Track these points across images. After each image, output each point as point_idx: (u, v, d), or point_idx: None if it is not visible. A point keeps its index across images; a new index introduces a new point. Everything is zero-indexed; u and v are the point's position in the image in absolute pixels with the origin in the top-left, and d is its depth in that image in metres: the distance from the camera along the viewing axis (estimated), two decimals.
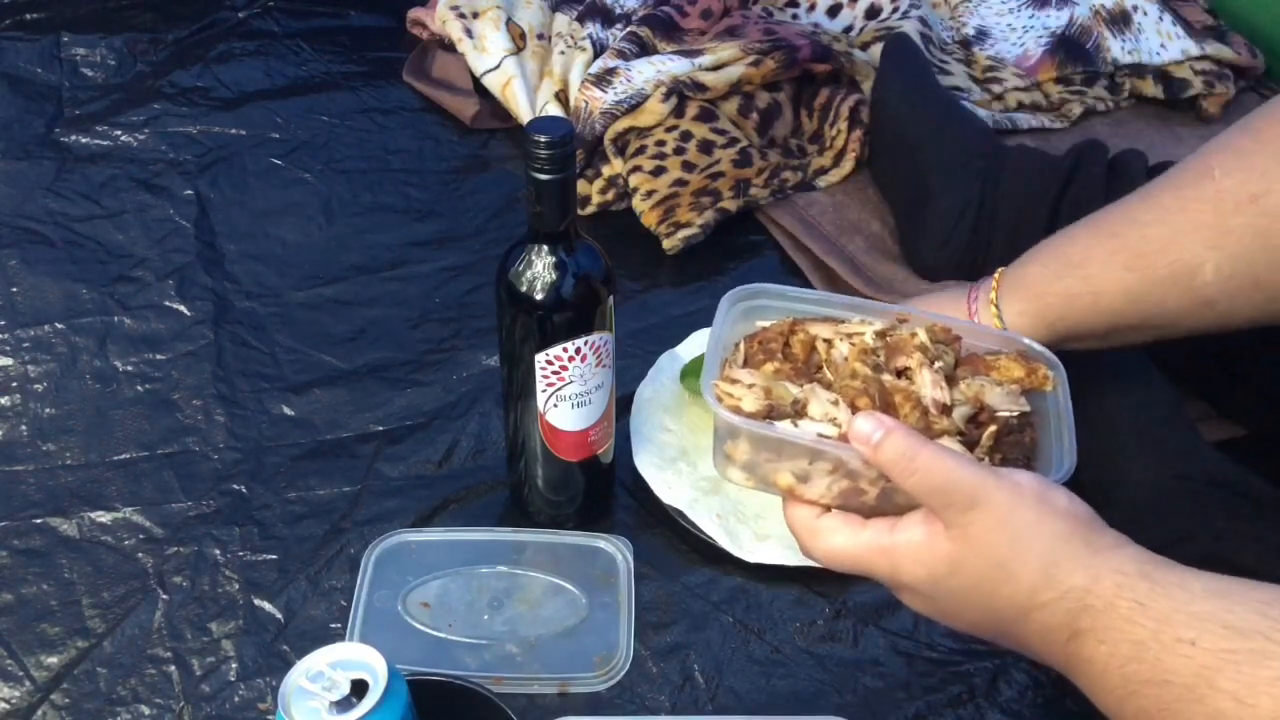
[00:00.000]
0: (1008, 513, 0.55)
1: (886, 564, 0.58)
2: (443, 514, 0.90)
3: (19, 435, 0.95)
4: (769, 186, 1.21)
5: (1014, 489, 0.55)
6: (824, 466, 0.60)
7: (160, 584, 0.84)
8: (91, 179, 1.21)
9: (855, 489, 0.60)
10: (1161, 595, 0.52)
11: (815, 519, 0.61)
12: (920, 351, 0.64)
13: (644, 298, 1.11)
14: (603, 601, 0.83)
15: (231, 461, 0.93)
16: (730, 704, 0.78)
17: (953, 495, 0.55)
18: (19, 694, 0.77)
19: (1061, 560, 0.54)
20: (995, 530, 0.55)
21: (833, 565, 0.61)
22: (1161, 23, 1.42)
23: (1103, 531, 0.56)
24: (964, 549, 0.56)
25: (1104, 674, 0.53)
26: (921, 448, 0.55)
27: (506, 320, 0.79)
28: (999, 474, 0.56)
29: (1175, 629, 0.51)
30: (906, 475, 0.56)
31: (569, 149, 0.72)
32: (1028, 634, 0.56)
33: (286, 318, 1.07)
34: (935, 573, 0.57)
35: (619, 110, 1.24)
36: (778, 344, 0.67)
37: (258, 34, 1.43)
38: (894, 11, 1.43)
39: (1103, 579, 0.53)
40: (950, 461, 0.55)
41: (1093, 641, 0.53)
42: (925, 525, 0.57)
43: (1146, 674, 0.51)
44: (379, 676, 0.57)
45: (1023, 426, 0.64)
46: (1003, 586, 0.55)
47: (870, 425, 0.56)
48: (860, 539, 0.59)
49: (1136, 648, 0.51)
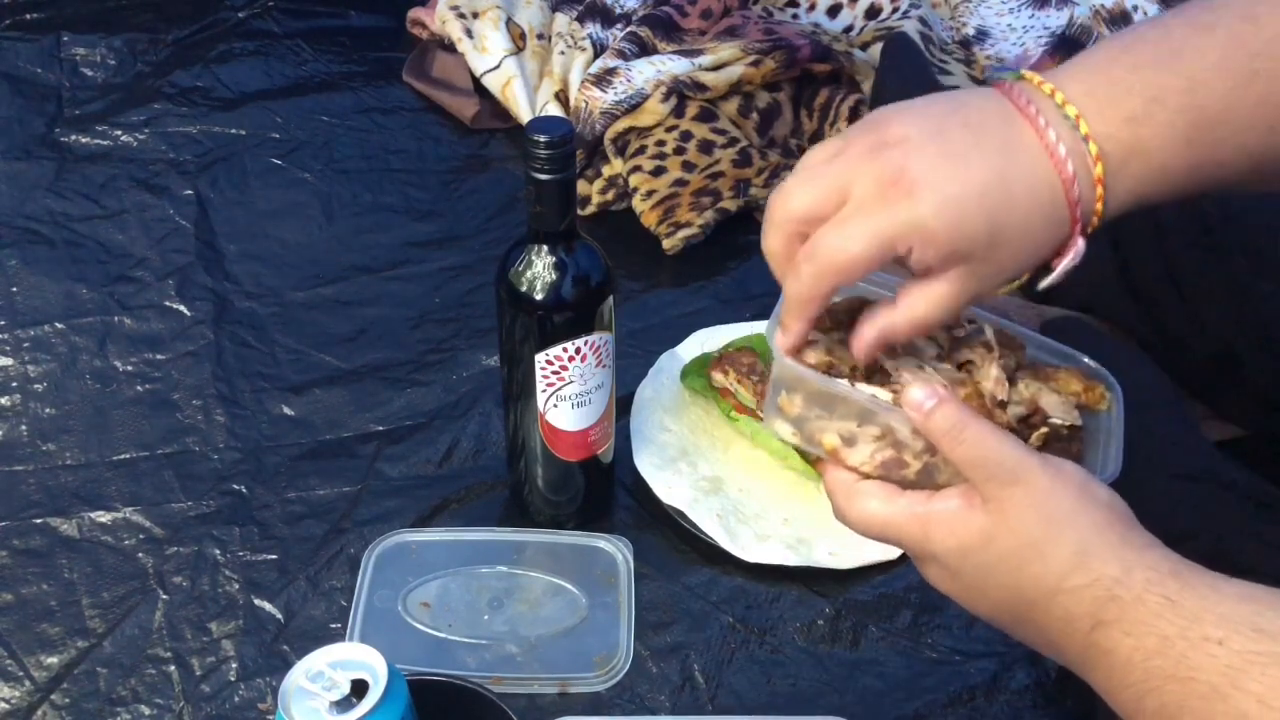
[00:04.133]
0: (1047, 494, 0.55)
1: (919, 531, 0.58)
2: (443, 514, 0.90)
3: (19, 435, 0.95)
4: (769, 186, 1.21)
5: (1057, 473, 0.55)
6: (871, 431, 0.60)
7: (160, 584, 0.84)
8: (91, 179, 1.21)
9: (898, 460, 0.60)
10: (1192, 594, 0.52)
11: (854, 482, 0.61)
12: (985, 348, 0.65)
13: (644, 298, 1.11)
14: (603, 601, 0.83)
15: (231, 461, 0.93)
16: (730, 704, 0.78)
17: (995, 469, 0.55)
18: (19, 694, 0.77)
19: (1095, 549, 0.54)
20: (1032, 509, 0.55)
21: (863, 530, 0.61)
22: None
23: (1139, 530, 0.56)
24: (999, 523, 0.55)
25: (1125, 667, 0.53)
26: (971, 420, 0.55)
27: (506, 320, 0.79)
28: (1044, 458, 0.56)
29: (1204, 627, 0.50)
30: (954, 445, 0.55)
31: (569, 149, 0.72)
32: (1049, 620, 0.56)
33: (286, 318, 1.07)
34: (966, 544, 0.56)
35: (619, 110, 1.24)
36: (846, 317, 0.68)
37: (258, 34, 1.43)
38: (894, 11, 1.44)
39: (1134, 572, 0.53)
40: (998, 437, 0.55)
41: (1117, 633, 0.53)
42: (963, 498, 0.57)
43: (1170, 670, 0.51)
44: (379, 676, 0.57)
45: (1072, 438, 0.65)
46: (1032, 565, 0.55)
47: (924, 393, 0.56)
48: (896, 505, 0.59)
49: (1162, 643, 0.51)
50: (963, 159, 0.54)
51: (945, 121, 0.56)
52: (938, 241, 0.54)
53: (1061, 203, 0.56)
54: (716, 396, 0.94)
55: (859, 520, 0.60)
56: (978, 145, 0.55)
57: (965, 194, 0.54)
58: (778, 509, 0.88)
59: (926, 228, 0.53)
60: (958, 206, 0.53)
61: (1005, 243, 0.55)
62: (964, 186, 0.54)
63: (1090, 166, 0.56)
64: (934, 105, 0.58)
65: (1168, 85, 0.57)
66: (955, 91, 0.61)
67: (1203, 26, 0.58)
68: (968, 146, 0.55)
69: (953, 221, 0.53)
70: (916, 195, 0.53)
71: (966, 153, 0.55)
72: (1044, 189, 0.55)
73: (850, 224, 0.54)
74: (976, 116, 0.57)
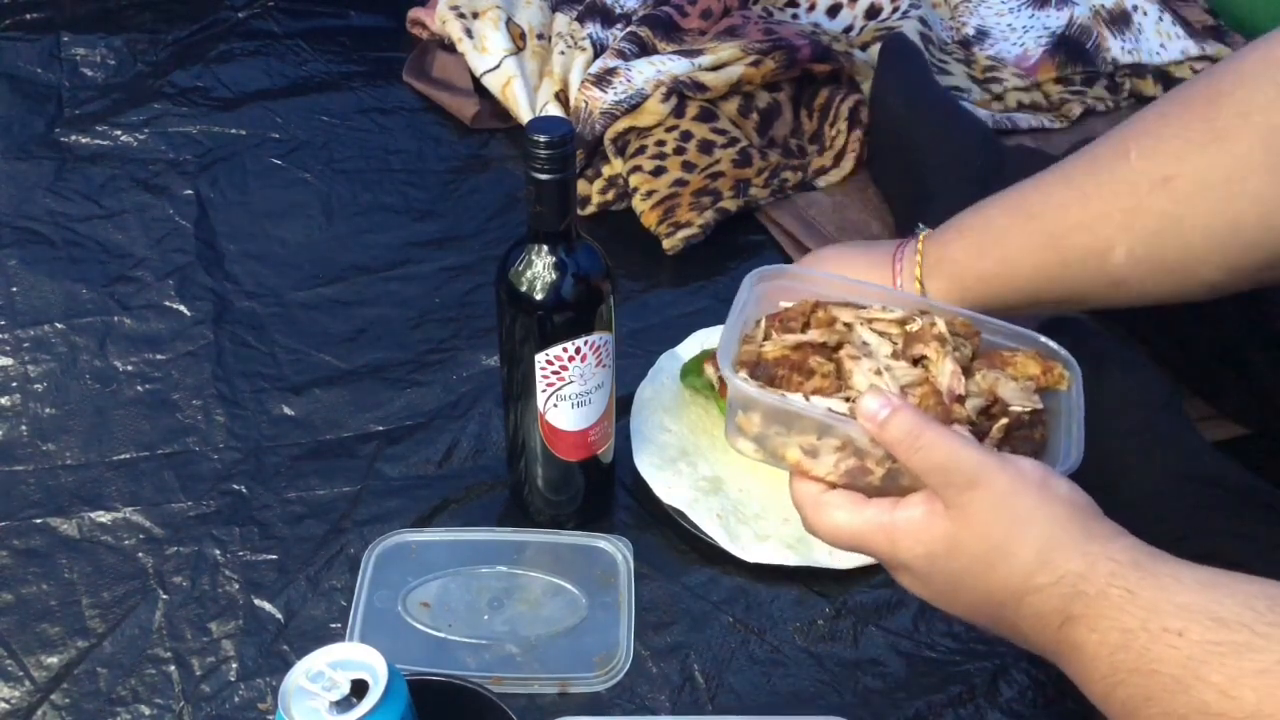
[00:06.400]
0: (1008, 495, 0.55)
1: (886, 541, 0.58)
2: (443, 514, 0.90)
3: (19, 435, 0.95)
4: (769, 186, 1.21)
5: (1016, 473, 0.56)
6: (832, 443, 0.60)
7: (160, 584, 0.84)
8: (91, 179, 1.21)
9: (862, 468, 0.60)
10: (1151, 585, 0.52)
11: (820, 494, 0.61)
12: (939, 341, 0.65)
13: (644, 298, 1.11)
14: (603, 601, 0.83)
15: (231, 461, 0.93)
16: (730, 704, 0.78)
17: (954, 474, 0.55)
18: (19, 694, 0.77)
19: (1058, 545, 0.55)
20: (994, 511, 0.55)
21: (833, 541, 0.61)
22: (1161, 23, 1.42)
23: (1101, 521, 0.56)
24: (962, 528, 0.56)
25: (1093, 661, 0.53)
26: (926, 427, 0.56)
27: (506, 320, 0.79)
28: (1002, 458, 0.57)
29: (1163, 619, 0.51)
30: (910, 452, 0.56)
31: (569, 149, 0.72)
32: (1020, 618, 0.56)
33: (286, 318, 1.07)
34: (933, 551, 0.57)
35: (619, 110, 1.24)
36: (798, 324, 0.67)
37: (258, 34, 1.43)
38: (894, 11, 1.44)
39: (1097, 566, 0.53)
40: (954, 442, 0.56)
41: (1084, 628, 0.53)
42: (926, 505, 0.57)
43: (1134, 663, 0.51)
44: (379, 676, 0.57)
45: (1034, 423, 0.65)
46: (998, 568, 0.55)
47: (877, 403, 0.57)
48: (862, 516, 0.59)
49: (1125, 636, 0.52)
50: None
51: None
52: None
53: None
54: (716, 396, 0.94)
55: (828, 532, 0.61)
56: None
57: None
58: (778, 509, 0.88)
59: None
60: None
61: None
62: None
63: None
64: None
65: (988, 271, 0.79)
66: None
67: (1025, 216, 0.79)
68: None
69: None
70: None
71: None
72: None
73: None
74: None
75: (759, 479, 0.90)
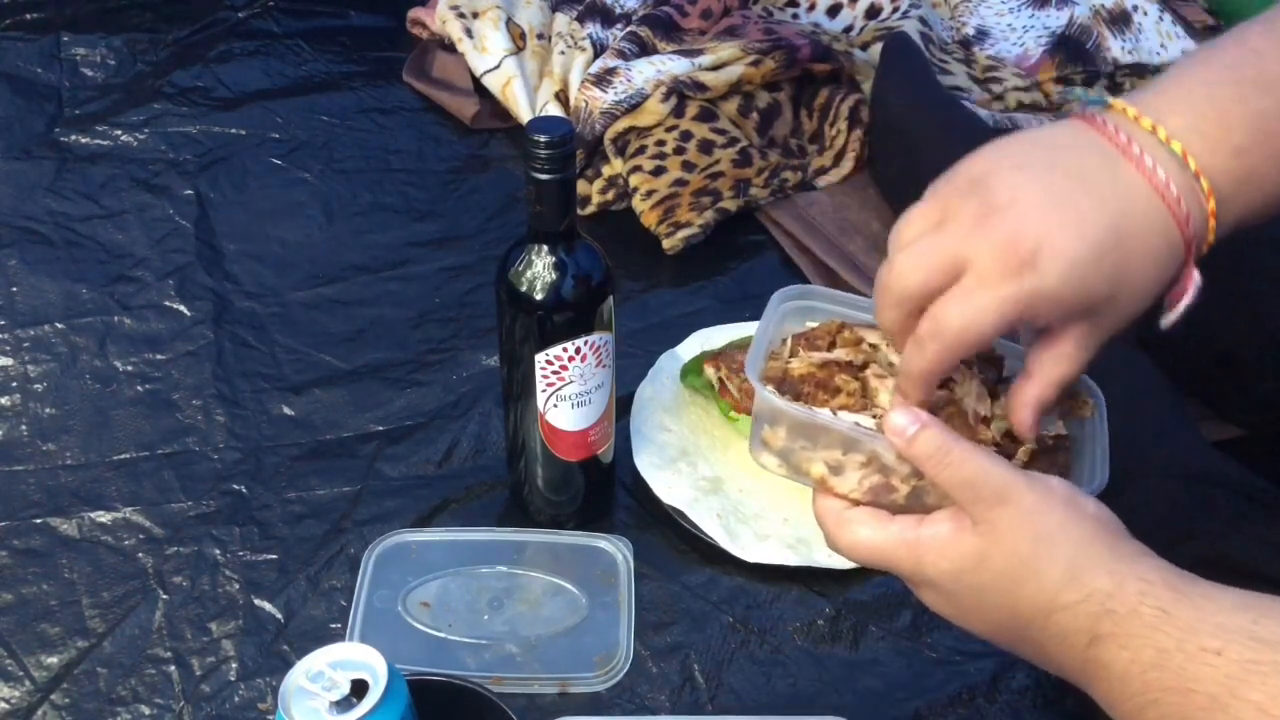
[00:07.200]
0: (1035, 512, 0.55)
1: (911, 558, 0.58)
2: (443, 514, 0.90)
3: (19, 435, 0.95)
4: (769, 186, 1.21)
5: (1044, 490, 0.55)
6: (857, 459, 0.60)
7: (160, 584, 0.84)
8: (91, 179, 1.21)
9: (886, 485, 0.60)
10: (1187, 605, 0.52)
11: (844, 510, 0.61)
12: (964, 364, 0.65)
13: (644, 298, 1.11)
14: (603, 601, 0.83)
15: (231, 461, 0.93)
16: (730, 704, 0.78)
17: (982, 489, 0.55)
18: (19, 694, 0.77)
19: (1086, 563, 0.54)
20: (1022, 528, 0.55)
21: (857, 558, 0.61)
22: (1161, 23, 1.42)
23: (1128, 540, 0.56)
24: (990, 544, 0.55)
25: (1124, 680, 0.53)
26: (955, 444, 0.56)
27: (506, 320, 0.79)
28: (1030, 476, 0.56)
29: (1201, 638, 0.50)
30: (939, 468, 0.56)
31: (569, 149, 0.72)
32: (1047, 637, 0.56)
33: (286, 318, 1.07)
34: (959, 567, 0.57)
35: (619, 110, 1.24)
36: (824, 343, 0.68)
37: (258, 34, 1.43)
38: (894, 11, 1.44)
39: (1126, 585, 0.53)
40: (982, 458, 0.55)
41: (1114, 647, 0.53)
42: (953, 521, 0.57)
43: (1169, 681, 0.51)
44: (379, 676, 0.57)
45: (1058, 448, 0.65)
46: (1026, 585, 0.55)
47: (906, 418, 0.57)
48: (886, 532, 0.59)
49: (1160, 655, 0.51)
50: (1077, 216, 0.54)
51: (1049, 176, 0.55)
52: (1065, 305, 0.54)
53: (1176, 240, 0.56)
54: (716, 396, 0.94)
55: (850, 548, 0.61)
56: (1088, 196, 0.55)
57: (1086, 255, 0.54)
58: (778, 509, 0.88)
59: (1054, 295, 0.54)
60: (1080, 268, 0.54)
61: (1125, 291, 0.56)
62: (1083, 246, 0.54)
63: (1203, 202, 0.56)
64: (1029, 154, 0.57)
65: (1270, 112, 0.57)
66: (1041, 132, 0.60)
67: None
68: (1078, 199, 0.55)
69: (1077, 284, 0.54)
70: (1039, 263, 0.53)
71: (1079, 207, 0.54)
72: (1157, 230, 0.56)
73: (975, 297, 0.54)
74: (1076, 162, 0.56)
75: (759, 479, 0.90)
